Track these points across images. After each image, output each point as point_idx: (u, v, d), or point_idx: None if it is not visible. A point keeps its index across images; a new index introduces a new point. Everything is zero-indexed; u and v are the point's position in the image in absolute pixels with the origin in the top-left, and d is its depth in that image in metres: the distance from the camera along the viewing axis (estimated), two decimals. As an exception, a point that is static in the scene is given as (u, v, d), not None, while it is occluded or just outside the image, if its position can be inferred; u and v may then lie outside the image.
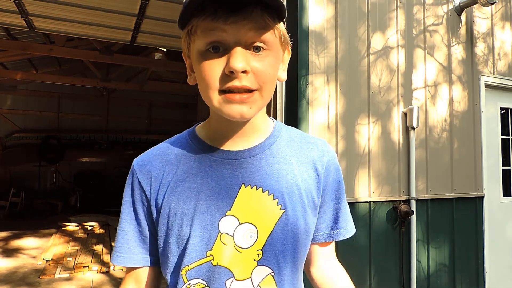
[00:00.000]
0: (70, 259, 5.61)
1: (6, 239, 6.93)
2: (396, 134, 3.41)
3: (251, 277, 0.78)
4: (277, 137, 0.87)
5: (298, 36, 3.02)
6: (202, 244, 0.78)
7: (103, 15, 5.04)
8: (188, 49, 0.80)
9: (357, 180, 3.19)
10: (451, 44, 3.76)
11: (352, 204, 3.16)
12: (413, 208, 3.33)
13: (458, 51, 3.79)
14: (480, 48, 3.94)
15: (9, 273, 5.06)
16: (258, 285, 0.78)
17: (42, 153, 11.02)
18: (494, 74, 3.98)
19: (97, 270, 5.15)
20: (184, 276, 0.78)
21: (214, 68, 0.72)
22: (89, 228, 7.96)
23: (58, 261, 5.51)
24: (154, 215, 0.83)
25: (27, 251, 6.17)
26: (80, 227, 8.05)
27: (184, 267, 0.78)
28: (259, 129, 0.85)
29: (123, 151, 12.02)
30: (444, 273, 3.56)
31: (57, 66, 10.18)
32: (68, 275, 4.97)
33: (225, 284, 0.77)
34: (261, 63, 0.73)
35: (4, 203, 9.61)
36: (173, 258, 0.81)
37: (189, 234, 0.78)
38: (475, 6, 3.77)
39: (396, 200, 3.34)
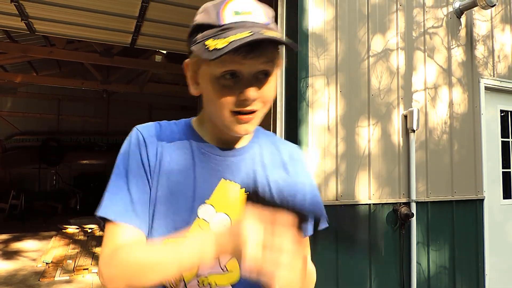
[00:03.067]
0: (70, 261, 5.60)
1: (6, 242, 6.93)
2: (396, 136, 3.41)
3: (219, 258, 0.87)
4: (255, 143, 1.00)
5: (298, 38, 3.03)
6: (182, 224, 0.87)
7: (103, 18, 5.05)
8: (198, 67, 0.87)
9: (357, 183, 3.19)
10: (451, 47, 3.77)
11: (352, 206, 3.16)
12: (413, 210, 3.33)
13: (458, 54, 3.80)
14: (480, 50, 3.94)
15: (9, 275, 5.05)
16: (225, 265, 0.90)
17: (42, 156, 11.02)
18: (494, 76, 3.99)
19: (97, 272, 5.15)
20: None
21: (229, 93, 0.82)
22: (89, 230, 7.96)
23: (58, 264, 5.50)
24: (153, 184, 0.89)
25: (27, 254, 6.16)
26: (80, 229, 8.04)
27: (164, 239, 0.87)
28: (244, 137, 0.96)
29: (123, 153, 11.99)
30: (445, 275, 3.56)
31: (57, 68, 10.18)
32: (68, 277, 4.96)
33: None
34: (267, 89, 0.86)
35: (4, 205, 9.60)
36: (156, 231, 0.88)
37: (172, 211, 0.88)
38: (475, 8, 3.77)
39: (396, 203, 3.34)
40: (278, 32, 0.86)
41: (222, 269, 0.90)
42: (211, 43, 0.78)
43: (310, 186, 1.06)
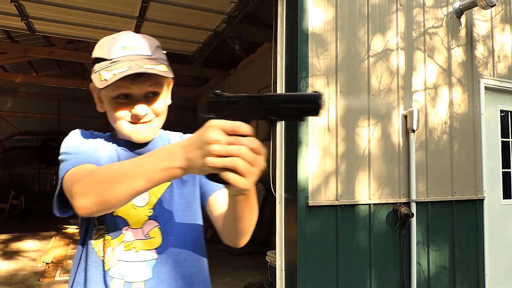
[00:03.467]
0: (70, 261, 5.60)
1: (6, 242, 6.93)
2: (396, 137, 3.41)
3: (142, 227, 1.04)
4: (163, 137, 1.20)
5: (298, 38, 3.03)
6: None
7: (103, 18, 5.05)
8: (99, 90, 1.05)
9: (357, 183, 3.19)
10: (451, 47, 3.77)
11: (352, 207, 3.16)
12: (413, 210, 3.33)
13: (458, 54, 3.80)
14: (480, 50, 3.94)
15: (9, 275, 5.05)
16: (148, 233, 1.05)
17: (42, 156, 11.02)
18: (494, 76, 3.99)
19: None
20: (96, 220, 1.04)
21: (124, 109, 1.04)
22: (89, 230, 7.95)
23: (58, 264, 5.50)
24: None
25: (27, 254, 6.16)
26: (80, 229, 8.03)
27: None
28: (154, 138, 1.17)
29: (123, 153, 12.01)
30: (444, 275, 3.56)
31: (57, 68, 10.18)
32: (68, 277, 4.95)
33: (122, 230, 1.03)
34: (157, 104, 1.06)
35: (4, 205, 9.60)
36: None
37: None
38: (475, 8, 3.77)
39: (396, 203, 3.34)
40: (161, 60, 1.04)
41: (145, 236, 1.04)
42: (102, 75, 0.99)
43: None
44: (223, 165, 0.69)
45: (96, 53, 1.05)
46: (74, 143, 1.09)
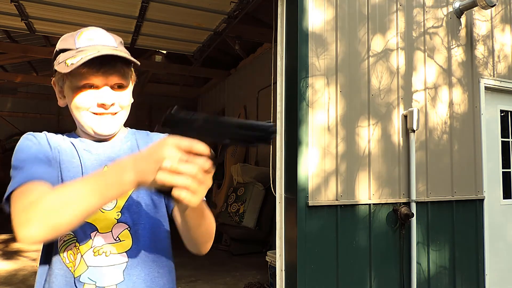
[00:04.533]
0: (70, 261, 5.60)
1: (6, 242, 6.93)
2: (396, 136, 3.41)
3: (111, 230, 1.02)
4: (130, 138, 1.18)
5: (298, 38, 3.03)
6: None
7: (103, 18, 5.04)
8: (63, 82, 1.06)
9: (357, 183, 3.19)
10: (451, 47, 3.77)
11: (352, 207, 3.16)
12: (413, 210, 3.33)
13: (458, 54, 3.80)
14: (480, 50, 3.94)
15: (9, 275, 5.05)
16: (118, 236, 1.03)
17: (42, 156, 11.01)
18: (494, 76, 3.99)
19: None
20: None
21: (88, 100, 1.03)
22: (89, 230, 7.96)
23: (58, 264, 5.50)
24: (53, 164, 1.02)
25: (27, 254, 6.17)
26: (80, 229, 8.04)
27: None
28: (117, 136, 1.15)
29: (123, 153, 12.01)
30: (444, 275, 3.56)
31: (57, 68, 10.18)
32: (68, 277, 4.96)
33: (91, 235, 1.00)
34: (123, 96, 1.07)
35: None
36: None
37: None
38: (475, 8, 3.78)
39: (396, 203, 3.34)
40: (126, 53, 1.03)
41: (115, 239, 1.02)
42: (68, 62, 0.98)
43: None
44: (173, 183, 0.70)
45: (60, 45, 1.06)
46: (21, 154, 1.01)
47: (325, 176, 3.07)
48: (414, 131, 3.39)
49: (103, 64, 0.99)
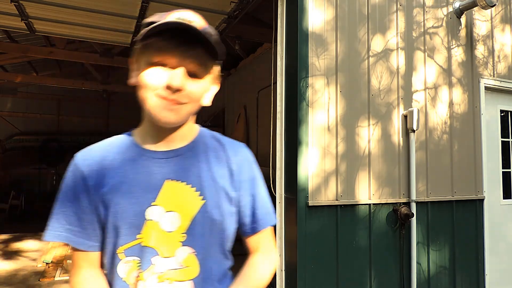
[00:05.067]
0: (70, 261, 5.59)
1: (6, 242, 6.93)
2: (396, 137, 3.41)
3: (175, 255, 0.95)
4: (200, 142, 1.05)
5: (298, 38, 3.03)
6: (133, 230, 0.94)
7: (103, 18, 5.04)
8: (139, 57, 0.96)
9: (357, 183, 3.19)
10: (451, 47, 3.77)
11: (352, 207, 3.16)
12: (413, 210, 3.33)
13: (458, 54, 3.80)
14: (480, 50, 3.94)
15: (9, 275, 5.05)
16: (182, 261, 0.95)
17: (42, 156, 11.02)
18: (494, 76, 3.99)
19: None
20: (120, 254, 0.95)
21: (158, 79, 0.91)
22: (89, 230, 7.94)
23: (58, 264, 5.50)
24: (95, 205, 0.97)
25: (27, 254, 6.16)
26: (80, 229, 8.02)
27: (119, 247, 0.95)
28: (184, 136, 1.03)
29: (123, 153, 12.00)
30: (445, 275, 3.56)
31: (57, 68, 10.18)
32: (68, 277, 4.96)
33: (151, 261, 0.94)
34: (194, 87, 0.94)
35: (4, 206, 9.60)
36: (109, 242, 0.96)
37: (123, 221, 0.94)
38: (475, 8, 3.78)
39: (396, 203, 3.34)
40: (214, 39, 0.93)
41: (179, 265, 0.95)
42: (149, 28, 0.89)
43: (254, 185, 1.10)
44: None
45: (147, 19, 0.97)
46: (66, 194, 1.00)
47: (325, 176, 3.07)
48: (414, 131, 3.39)
49: (182, 43, 0.90)
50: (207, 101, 1.04)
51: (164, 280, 0.94)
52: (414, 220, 3.35)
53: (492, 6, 3.57)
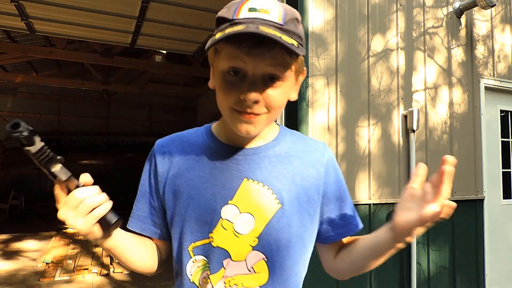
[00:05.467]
0: (70, 261, 5.60)
1: (6, 242, 6.93)
2: (396, 137, 3.41)
3: (245, 259, 0.88)
4: (281, 140, 0.97)
5: (298, 38, 3.02)
6: (206, 227, 0.89)
7: (103, 18, 5.05)
8: (213, 61, 0.89)
9: (357, 183, 3.19)
10: (451, 47, 3.77)
11: (352, 207, 3.15)
12: (414, 210, 3.32)
13: (458, 54, 3.80)
14: (480, 50, 3.94)
15: (9, 275, 5.05)
16: (252, 267, 0.89)
17: (42, 156, 11.01)
18: (494, 76, 3.99)
19: (97, 272, 5.15)
20: (190, 251, 0.90)
21: (231, 90, 0.82)
22: (89, 230, 7.94)
23: (58, 264, 5.50)
24: (164, 193, 0.95)
25: (27, 254, 6.17)
26: (80, 229, 8.02)
27: (191, 243, 0.90)
28: (265, 134, 0.95)
29: (123, 153, 12.02)
30: (444, 275, 3.56)
31: (57, 68, 10.19)
32: (68, 277, 4.96)
33: (223, 263, 0.88)
34: (273, 93, 0.83)
35: (4, 206, 9.60)
36: (179, 236, 0.92)
37: (195, 217, 0.90)
38: (475, 8, 3.77)
39: (396, 203, 3.33)
40: (293, 35, 0.83)
41: (249, 270, 0.88)
42: (216, 36, 0.79)
43: (340, 188, 1.03)
44: None
45: (220, 13, 0.85)
46: (142, 180, 1.00)
47: (325, 176, 3.06)
48: (414, 131, 3.39)
49: (254, 45, 0.77)
50: (294, 95, 0.94)
51: (232, 285, 0.88)
52: (414, 220, 3.34)
53: (492, 6, 3.57)
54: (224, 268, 0.88)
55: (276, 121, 1.00)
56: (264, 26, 0.76)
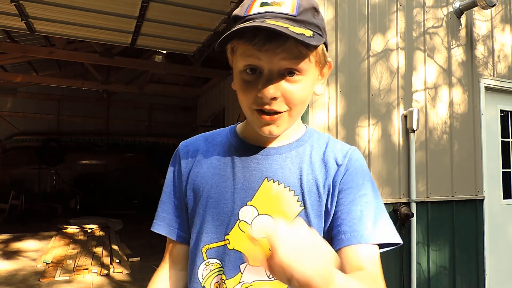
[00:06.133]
0: (70, 261, 5.60)
1: (6, 242, 6.93)
2: (396, 136, 3.41)
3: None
4: (305, 142, 0.92)
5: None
6: (222, 228, 0.86)
7: (103, 18, 5.05)
8: (231, 61, 0.86)
9: (357, 183, 3.19)
10: (451, 47, 3.77)
11: (352, 207, 3.15)
12: (413, 210, 3.33)
13: (458, 54, 3.80)
14: (480, 50, 3.94)
15: (9, 275, 5.05)
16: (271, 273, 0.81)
17: (42, 156, 11.03)
18: (494, 76, 3.99)
19: (97, 272, 5.14)
20: (204, 253, 0.87)
21: (249, 89, 0.80)
22: (89, 230, 7.96)
23: (58, 264, 5.50)
24: (186, 192, 0.93)
25: (27, 254, 6.16)
26: (80, 229, 8.04)
27: (205, 245, 0.87)
28: (290, 133, 0.91)
29: (123, 153, 12.02)
30: (445, 275, 3.56)
31: (57, 68, 10.18)
32: (68, 277, 4.96)
33: (240, 268, 0.84)
34: (293, 87, 0.79)
35: (4, 206, 9.60)
36: (196, 236, 0.90)
37: (212, 216, 0.87)
38: (475, 8, 3.77)
39: (396, 203, 3.34)
40: (308, 25, 0.77)
41: (268, 276, 0.83)
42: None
43: (359, 193, 0.92)
44: None
45: (235, 11, 0.83)
46: (167, 181, 0.99)
47: (325, 176, 3.06)
48: (414, 131, 3.39)
49: (267, 40, 0.74)
50: (320, 89, 0.90)
51: None
52: (414, 220, 3.35)
53: (492, 6, 3.57)
54: (241, 273, 0.84)
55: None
56: (272, 19, 0.74)
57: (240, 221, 0.85)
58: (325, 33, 0.83)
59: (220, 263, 0.85)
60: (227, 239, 0.85)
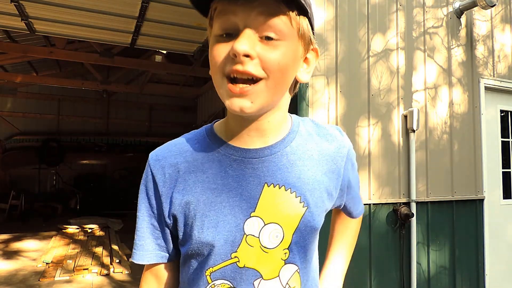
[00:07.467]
0: (70, 261, 5.60)
1: (6, 242, 6.93)
2: (396, 136, 3.41)
3: (279, 275, 0.78)
4: (296, 133, 0.84)
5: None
6: (227, 247, 0.77)
7: (103, 18, 5.04)
8: (209, 38, 0.78)
9: (357, 183, 3.19)
10: (451, 47, 3.77)
11: (352, 207, 3.15)
12: (413, 210, 3.33)
13: (458, 54, 3.80)
14: (480, 50, 3.94)
15: (9, 275, 5.05)
16: (287, 283, 0.79)
17: (42, 156, 11.03)
18: (494, 76, 3.99)
19: (97, 272, 5.15)
20: (208, 277, 0.78)
21: (222, 52, 0.70)
22: (89, 230, 7.96)
23: (58, 264, 5.50)
24: (169, 213, 0.81)
25: (27, 254, 6.16)
26: (80, 229, 8.04)
27: (208, 268, 0.78)
28: (278, 127, 0.81)
29: (123, 153, 12.02)
30: (445, 275, 3.56)
31: (57, 68, 10.19)
32: (68, 277, 4.96)
33: (253, 284, 0.77)
34: (271, 50, 0.69)
35: (4, 206, 9.60)
36: (195, 260, 0.80)
37: (213, 237, 0.77)
38: (475, 8, 3.77)
39: (396, 203, 3.34)
40: None
41: (283, 287, 0.79)
42: None
43: (353, 184, 0.97)
44: None
45: None
46: (141, 203, 0.84)
47: (325, 176, 3.06)
48: (414, 131, 3.39)
49: None
50: (305, 76, 0.79)
51: None
52: (414, 220, 3.35)
53: (492, 6, 3.57)
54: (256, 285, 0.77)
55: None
56: None
57: (246, 235, 0.77)
58: (310, 7, 0.72)
59: (230, 284, 0.78)
60: (235, 257, 0.77)
